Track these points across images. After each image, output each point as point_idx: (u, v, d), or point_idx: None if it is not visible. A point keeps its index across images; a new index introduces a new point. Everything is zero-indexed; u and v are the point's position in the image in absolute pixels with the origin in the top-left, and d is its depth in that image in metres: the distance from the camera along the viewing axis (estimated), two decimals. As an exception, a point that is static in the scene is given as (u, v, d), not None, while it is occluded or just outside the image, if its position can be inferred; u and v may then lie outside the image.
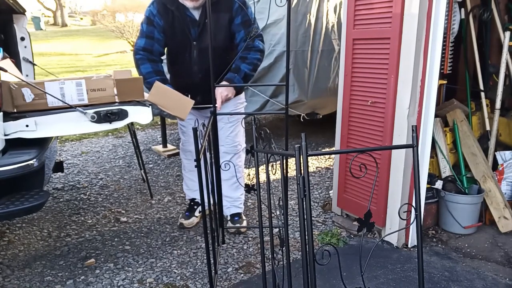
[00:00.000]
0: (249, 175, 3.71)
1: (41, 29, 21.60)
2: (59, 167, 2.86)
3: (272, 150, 2.06)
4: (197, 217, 2.85)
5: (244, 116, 2.64)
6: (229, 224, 2.76)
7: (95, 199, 3.30)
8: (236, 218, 2.77)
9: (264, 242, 1.96)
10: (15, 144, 2.01)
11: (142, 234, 2.74)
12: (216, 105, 2.35)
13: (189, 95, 2.37)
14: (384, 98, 2.41)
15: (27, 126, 1.97)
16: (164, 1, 2.37)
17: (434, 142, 2.72)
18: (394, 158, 2.43)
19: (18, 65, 2.77)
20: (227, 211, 2.79)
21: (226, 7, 2.36)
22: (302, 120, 4.31)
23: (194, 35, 2.40)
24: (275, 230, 1.88)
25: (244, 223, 2.78)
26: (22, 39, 2.83)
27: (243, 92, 2.72)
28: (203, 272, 2.31)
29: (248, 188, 2.33)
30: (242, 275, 2.29)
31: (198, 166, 1.71)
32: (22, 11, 2.82)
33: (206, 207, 2.01)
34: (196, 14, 2.38)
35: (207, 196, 2.02)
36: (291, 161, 3.70)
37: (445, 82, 2.98)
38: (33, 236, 2.70)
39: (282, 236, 1.65)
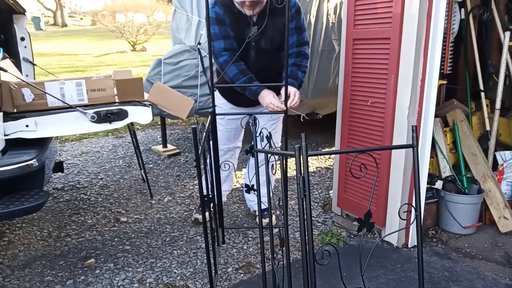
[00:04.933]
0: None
1: (41, 29, 21.59)
2: (59, 167, 2.86)
3: (272, 150, 2.06)
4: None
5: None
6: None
7: (95, 199, 3.30)
8: (265, 213, 2.77)
9: (264, 242, 1.96)
10: (15, 144, 2.01)
11: (142, 234, 2.74)
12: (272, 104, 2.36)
13: (239, 94, 2.45)
14: (384, 98, 2.41)
15: (27, 126, 1.97)
16: (227, 4, 2.35)
17: (434, 142, 2.72)
18: (394, 158, 2.43)
19: (18, 65, 2.77)
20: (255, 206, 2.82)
21: (282, 11, 2.33)
22: (302, 120, 4.31)
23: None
24: (275, 230, 1.89)
25: (273, 218, 2.76)
26: (22, 39, 2.83)
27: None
28: (203, 272, 2.31)
29: (248, 188, 2.33)
30: (242, 275, 2.29)
31: (197, 166, 1.71)
32: (22, 11, 2.82)
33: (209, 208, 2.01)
34: (255, 18, 2.38)
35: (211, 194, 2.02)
36: (291, 161, 3.70)
37: (445, 82, 2.98)
38: (33, 236, 2.70)
39: (282, 236, 1.65)
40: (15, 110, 2.03)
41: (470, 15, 3.07)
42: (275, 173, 1.97)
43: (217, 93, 2.69)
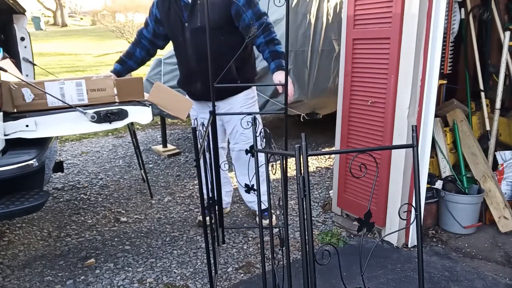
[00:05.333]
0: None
1: (41, 29, 21.59)
2: (59, 167, 2.86)
3: (272, 150, 2.06)
4: None
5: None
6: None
7: (95, 199, 3.30)
8: (265, 214, 2.76)
9: (264, 242, 1.96)
10: (15, 144, 2.01)
11: (142, 234, 2.74)
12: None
13: (190, 83, 2.42)
14: (384, 98, 2.41)
15: (27, 126, 1.97)
16: None
17: (434, 142, 2.72)
18: (394, 158, 2.43)
19: (18, 65, 2.77)
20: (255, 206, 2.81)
21: None
22: (302, 120, 4.31)
23: (186, 17, 2.41)
24: (275, 230, 1.89)
25: (273, 218, 2.75)
26: (22, 39, 2.83)
27: (254, 86, 2.67)
28: (203, 272, 2.31)
29: (248, 188, 2.33)
30: (242, 275, 2.29)
31: (197, 166, 1.71)
32: (22, 11, 2.81)
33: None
34: None
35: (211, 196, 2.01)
36: (291, 161, 3.70)
37: (445, 82, 2.98)
38: (33, 236, 2.70)
39: (282, 236, 1.65)
40: (15, 110, 2.03)
41: (470, 15, 3.07)
42: (275, 173, 1.97)
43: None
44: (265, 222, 2.73)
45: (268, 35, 2.39)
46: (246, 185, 2.35)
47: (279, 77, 2.36)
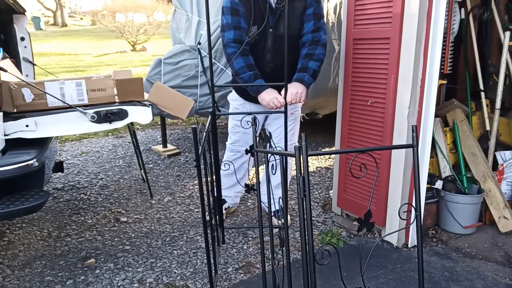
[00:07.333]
0: (249, 175, 3.71)
1: (41, 29, 21.59)
2: (59, 167, 2.86)
3: (272, 150, 2.06)
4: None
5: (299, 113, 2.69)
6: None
7: (95, 199, 3.30)
8: (280, 214, 2.74)
9: (264, 242, 1.96)
10: (15, 144, 2.01)
11: (142, 234, 2.74)
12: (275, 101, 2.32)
13: None
14: (384, 98, 2.41)
15: (27, 126, 1.97)
16: None
17: (434, 142, 2.72)
18: (394, 158, 2.43)
19: (18, 65, 2.77)
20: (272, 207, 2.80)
21: None
22: (302, 120, 4.30)
23: (272, 22, 2.36)
24: (275, 230, 1.89)
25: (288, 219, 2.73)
26: (22, 39, 2.83)
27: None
28: (203, 272, 2.31)
29: (248, 188, 2.33)
30: (242, 275, 2.29)
31: (197, 166, 1.71)
32: (22, 11, 2.82)
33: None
34: (273, 1, 2.34)
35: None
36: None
37: (445, 82, 2.98)
38: (33, 236, 2.70)
39: (282, 236, 1.65)
40: (15, 110, 2.03)
41: (470, 15, 3.07)
42: (275, 173, 1.98)
43: (234, 95, 2.66)
44: (278, 222, 2.71)
45: (311, 49, 2.38)
46: (246, 185, 2.35)
47: (291, 88, 2.33)
